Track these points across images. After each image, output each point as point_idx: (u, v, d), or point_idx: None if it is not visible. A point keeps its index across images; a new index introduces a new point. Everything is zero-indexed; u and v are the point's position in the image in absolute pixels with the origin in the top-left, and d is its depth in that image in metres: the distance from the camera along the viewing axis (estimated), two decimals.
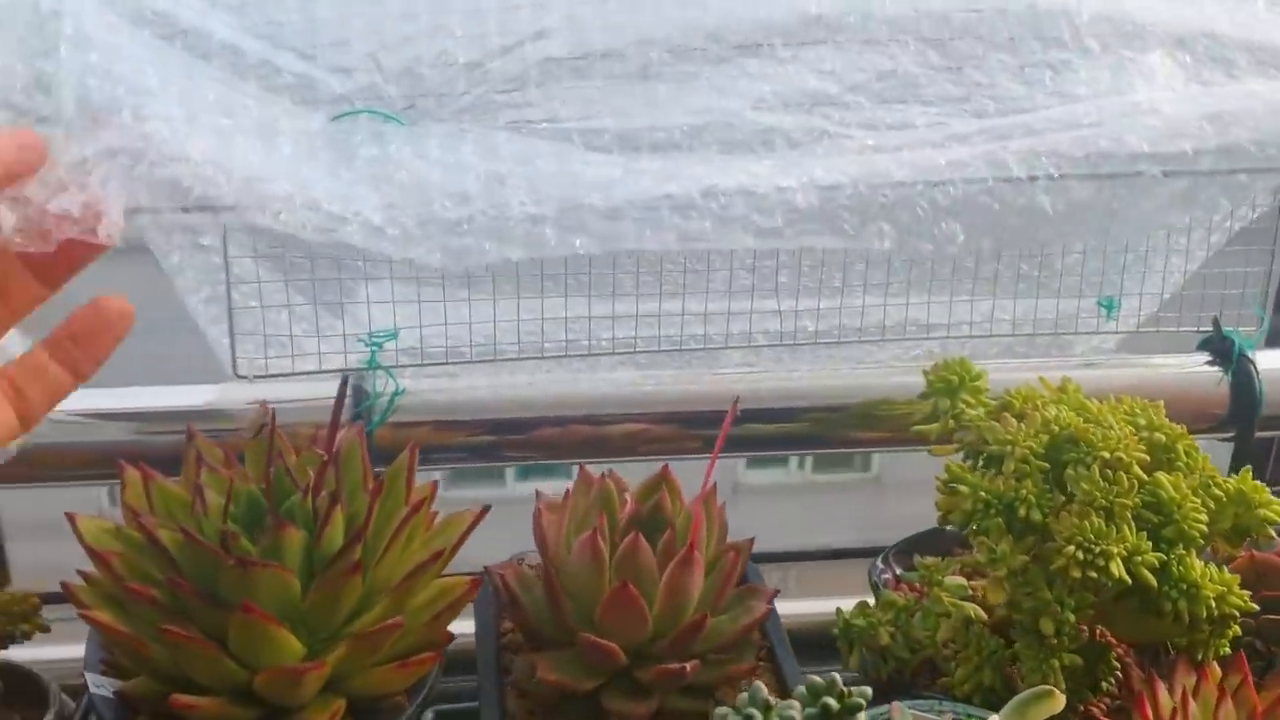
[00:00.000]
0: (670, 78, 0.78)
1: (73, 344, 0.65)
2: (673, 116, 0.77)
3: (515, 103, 0.77)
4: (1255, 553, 1.00)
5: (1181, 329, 1.18)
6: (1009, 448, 0.88)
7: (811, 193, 0.73)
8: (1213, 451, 1.14)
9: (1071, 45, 0.82)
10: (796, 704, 0.70)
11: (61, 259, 0.64)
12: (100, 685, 0.79)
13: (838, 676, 0.72)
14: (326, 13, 0.77)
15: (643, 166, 0.74)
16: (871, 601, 0.99)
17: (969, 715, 0.82)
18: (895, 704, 0.82)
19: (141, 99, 0.65)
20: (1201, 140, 0.80)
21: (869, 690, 0.72)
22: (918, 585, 1.01)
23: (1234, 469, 1.14)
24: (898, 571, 1.05)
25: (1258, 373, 1.13)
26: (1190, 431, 1.15)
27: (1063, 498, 0.87)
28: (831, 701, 0.70)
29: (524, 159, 0.73)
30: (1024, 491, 0.86)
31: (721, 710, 0.70)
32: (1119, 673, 0.91)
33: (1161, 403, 0.96)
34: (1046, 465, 0.87)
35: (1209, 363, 1.16)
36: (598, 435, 1.13)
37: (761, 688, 0.69)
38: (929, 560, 0.99)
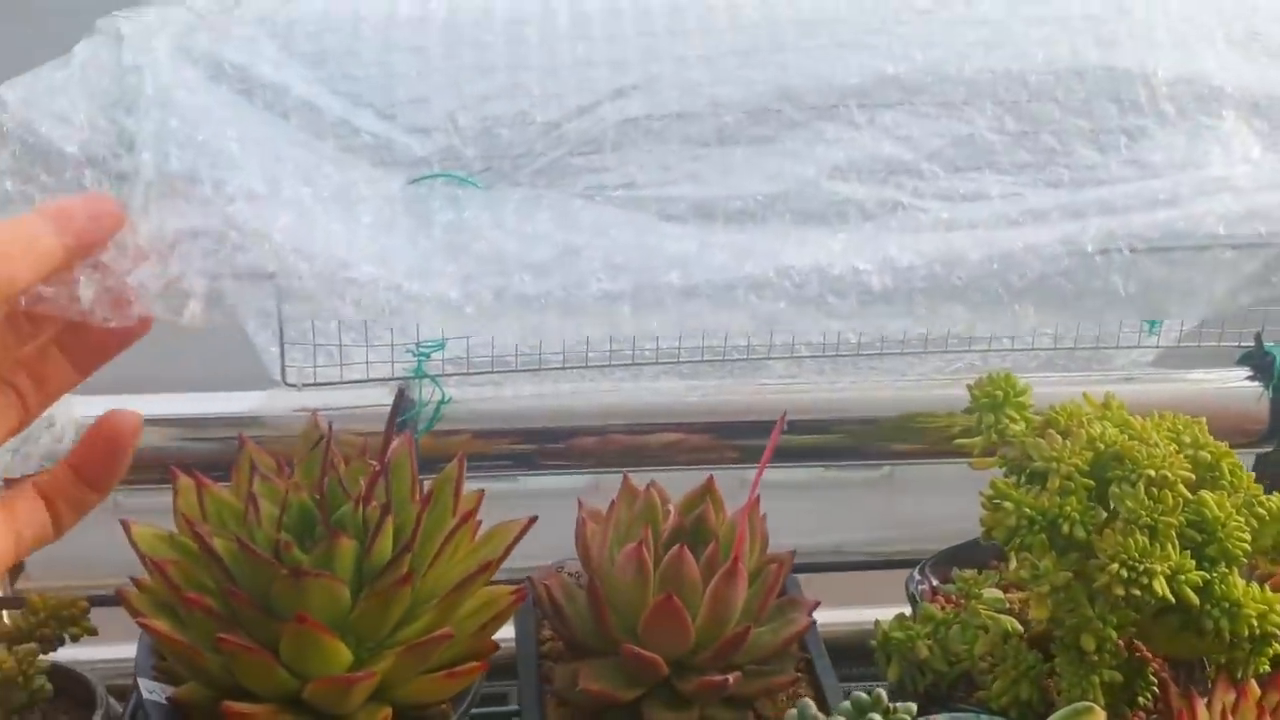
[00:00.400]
0: (745, 141, 0.78)
1: (90, 463, 0.66)
2: (748, 184, 0.77)
3: (592, 166, 0.77)
4: None
5: (1223, 343, 1.17)
6: (1054, 464, 0.88)
7: (887, 274, 0.74)
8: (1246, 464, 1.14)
9: (1148, 109, 0.82)
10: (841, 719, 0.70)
11: (98, 344, 0.65)
12: (152, 691, 0.80)
13: (883, 692, 0.73)
14: (404, 67, 0.77)
15: (718, 240, 0.74)
16: (908, 612, 1.00)
17: None
18: (936, 718, 0.83)
19: (223, 172, 0.66)
20: (1275, 221, 0.80)
21: (914, 706, 0.73)
22: (955, 597, 1.02)
23: (1271, 485, 1.14)
24: (934, 583, 1.06)
25: None
26: (1233, 448, 1.16)
27: (1106, 515, 0.87)
28: (877, 717, 0.71)
29: (600, 229, 0.73)
30: (1068, 508, 0.86)
31: None
32: (1156, 688, 0.92)
33: (1204, 419, 0.96)
34: (1091, 483, 0.88)
35: (1249, 378, 1.16)
36: (636, 444, 1.14)
37: (810, 704, 0.70)
38: (967, 573, 1.00)
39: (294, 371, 1.00)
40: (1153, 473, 0.87)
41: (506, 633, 0.98)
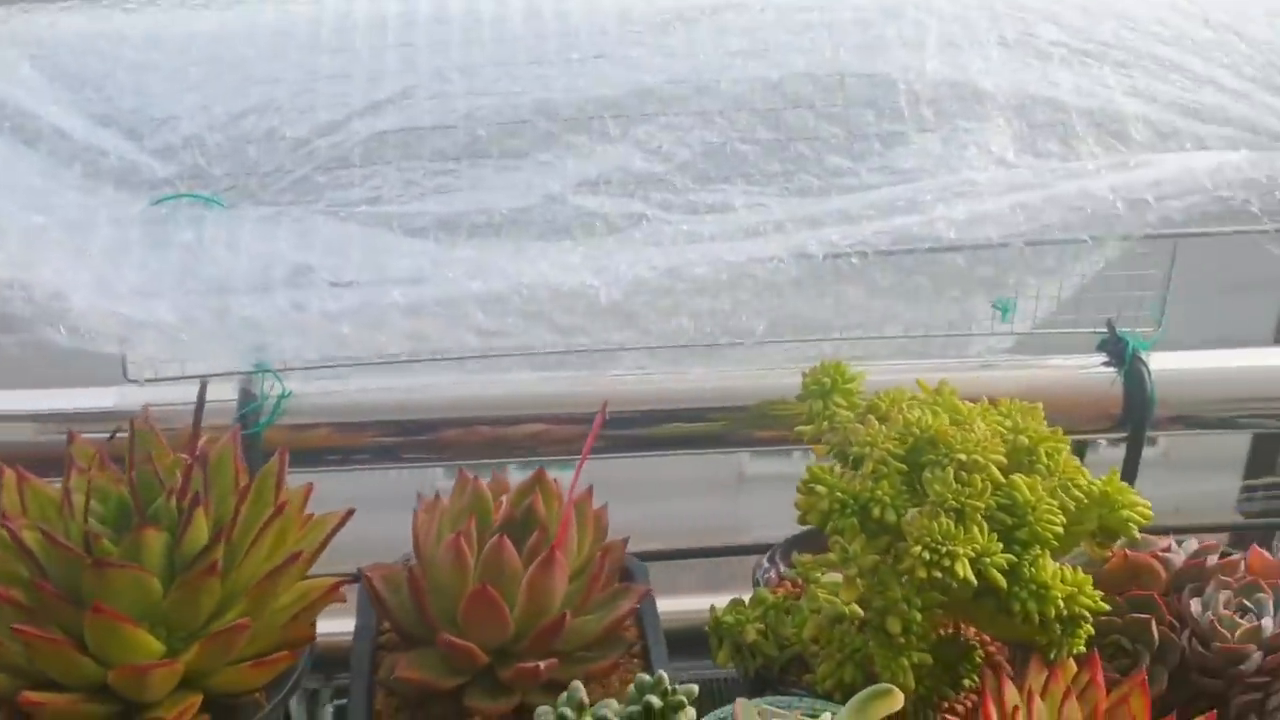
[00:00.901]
0: (498, 154, 0.79)
1: None
2: (495, 199, 0.78)
3: (339, 182, 0.78)
4: (1129, 553, 1.01)
5: (1079, 330, 1.19)
6: (868, 449, 0.89)
7: (615, 289, 0.74)
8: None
9: (907, 114, 0.83)
10: (613, 703, 0.71)
11: None
12: None
13: (665, 674, 0.74)
14: (159, 88, 0.78)
15: (457, 255, 0.75)
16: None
17: (814, 711, 0.84)
18: (739, 700, 0.84)
19: None
20: (1009, 226, 0.81)
21: (694, 688, 0.74)
22: (798, 582, 1.03)
23: (1126, 469, 1.15)
24: (782, 569, 1.07)
25: (1150, 373, 1.14)
26: (1088, 432, 1.17)
27: (918, 499, 0.88)
28: (654, 699, 0.72)
29: (336, 247, 0.74)
30: (879, 492, 0.87)
31: (541, 709, 0.71)
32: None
33: (1040, 405, 0.97)
34: (904, 467, 0.89)
35: (1105, 364, 1.17)
36: (500, 436, 1.15)
37: (579, 687, 0.71)
38: (805, 557, 1.01)
39: (136, 367, 1.02)
40: (964, 457, 0.88)
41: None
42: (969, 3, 0.87)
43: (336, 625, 1.02)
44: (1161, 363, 1.17)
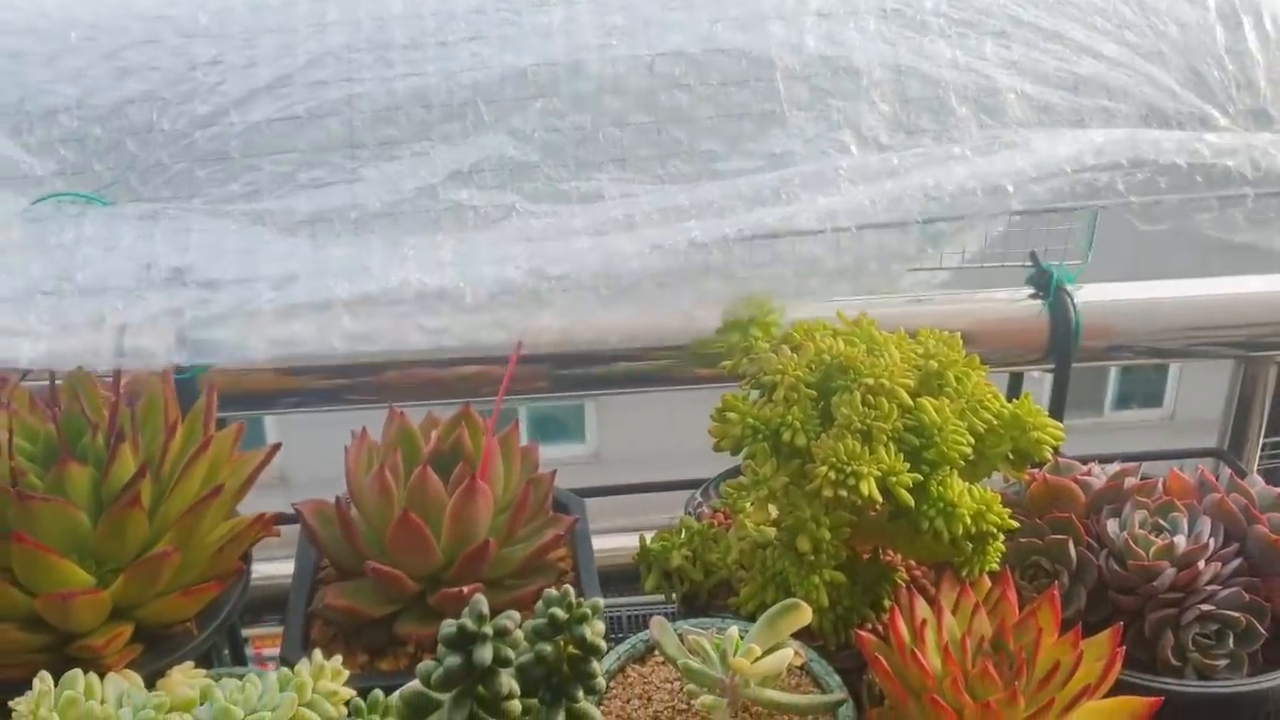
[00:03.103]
0: (373, 143, 0.79)
1: None
2: (369, 193, 0.78)
3: (217, 178, 0.78)
4: (1049, 476, 1.03)
5: (1010, 264, 1.20)
6: (779, 376, 0.92)
7: (481, 289, 0.75)
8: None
9: (783, 94, 0.83)
10: (515, 614, 0.74)
11: None
12: None
13: (570, 589, 0.76)
14: (36, 76, 0.79)
15: (328, 254, 0.76)
16: None
17: (723, 628, 0.86)
18: (656, 619, 0.87)
19: None
20: (869, 216, 0.81)
21: (600, 601, 0.76)
22: (729, 514, 1.06)
23: (1054, 397, 1.17)
24: (714, 502, 1.09)
25: (1075, 305, 1.15)
26: (1017, 363, 1.20)
27: (830, 424, 0.91)
28: (559, 611, 0.75)
29: (211, 249, 0.75)
30: (790, 417, 0.90)
31: (447, 622, 0.74)
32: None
33: (958, 335, 0.99)
34: (814, 393, 0.91)
35: (1032, 296, 1.19)
36: (437, 378, 1.17)
37: (482, 600, 0.73)
38: (731, 486, 1.03)
39: None
40: (871, 381, 0.90)
41: None
42: None
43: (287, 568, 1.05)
44: (1094, 295, 1.19)
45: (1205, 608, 0.94)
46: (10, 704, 0.75)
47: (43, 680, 0.76)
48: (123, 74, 0.79)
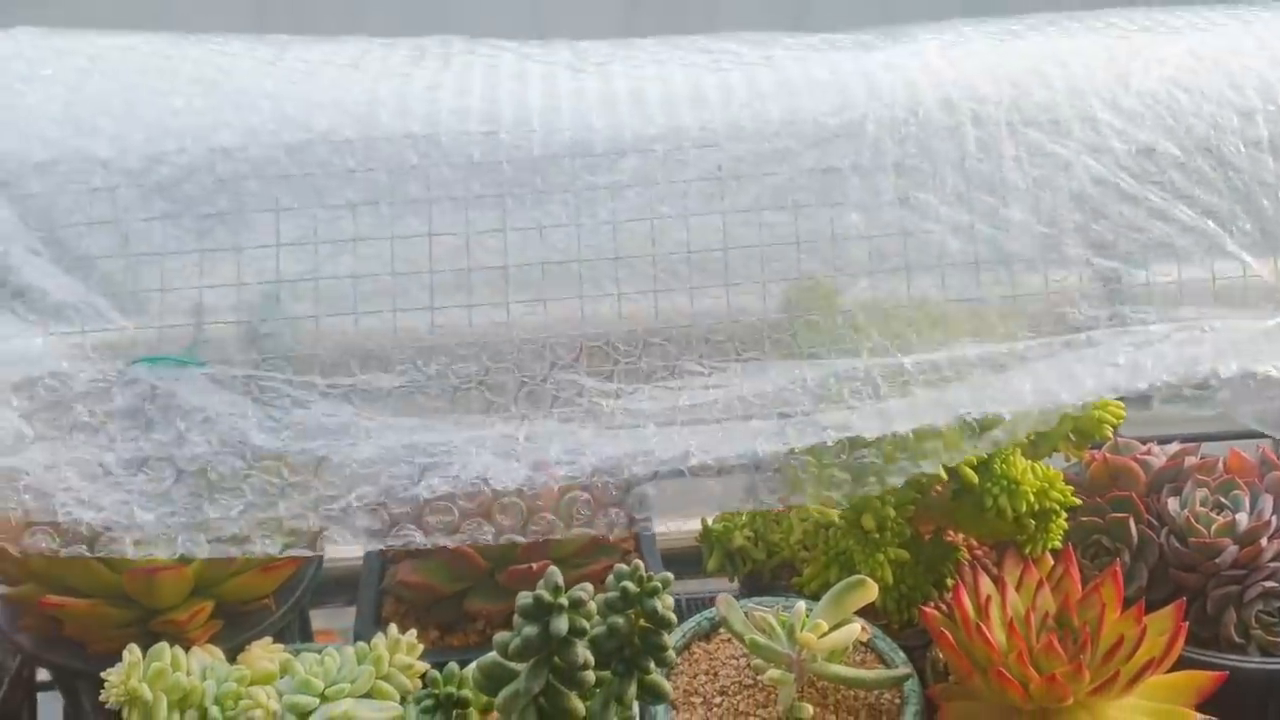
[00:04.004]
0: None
1: None
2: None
3: (287, 351, 0.82)
4: (1109, 455, 1.04)
5: None
6: None
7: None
8: None
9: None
10: (589, 586, 0.75)
11: None
12: None
13: (640, 563, 0.78)
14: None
15: (417, 442, 0.80)
16: None
17: (788, 606, 0.88)
18: (722, 596, 0.88)
19: None
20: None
21: (669, 576, 0.78)
22: None
23: None
24: None
25: None
26: None
27: None
28: (630, 585, 0.76)
29: (302, 431, 0.79)
30: None
31: (522, 593, 0.76)
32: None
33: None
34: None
35: None
36: None
37: (556, 572, 0.75)
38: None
39: None
40: None
41: None
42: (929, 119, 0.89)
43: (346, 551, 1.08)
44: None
45: (1268, 585, 0.95)
46: (102, 674, 0.77)
47: (132, 652, 0.79)
48: (201, 237, 0.82)
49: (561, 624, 0.73)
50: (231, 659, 0.85)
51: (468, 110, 0.87)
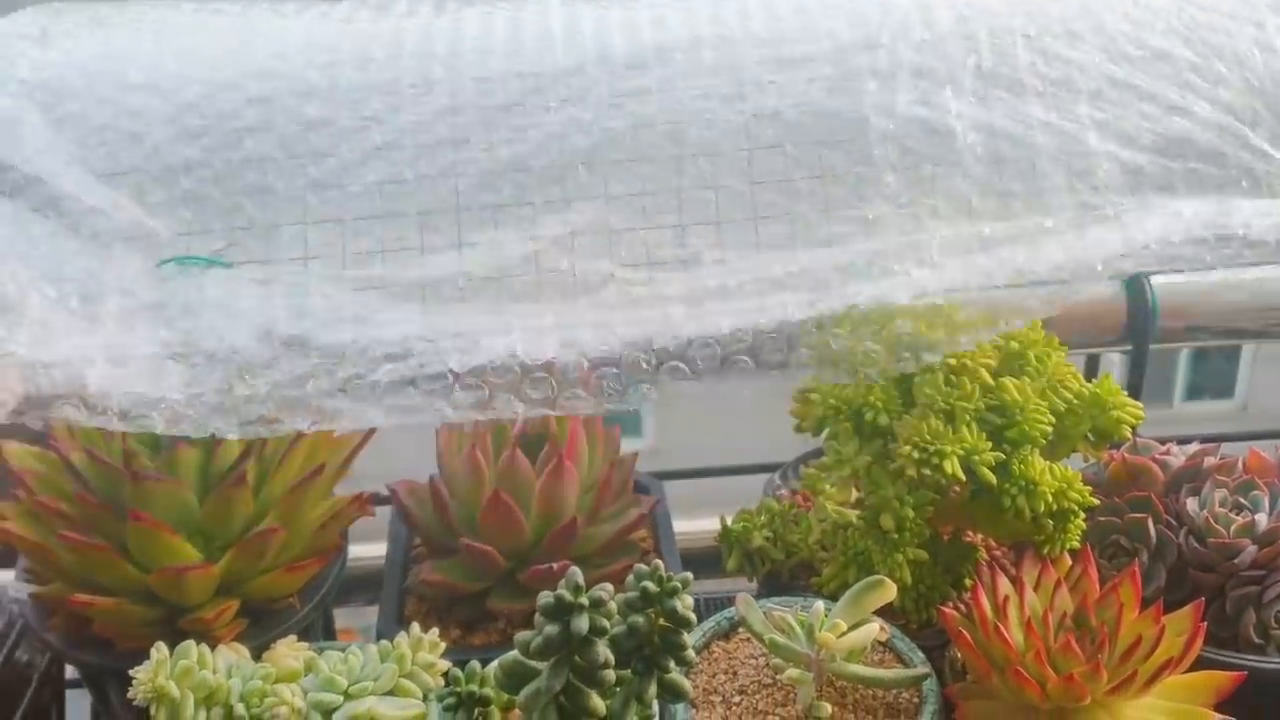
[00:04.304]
0: (477, 207, 0.81)
1: None
2: (475, 259, 0.80)
3: (328, 239, 0.81)
4: (1128, 455, 1.04)
5: None
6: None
7: (583, 360, 0.79)
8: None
9: (876, 156, 0.83)
10: (610, 586, 0.76)
11: None
12: (20, 591, 0.88)
13: (660, 563, 0.79)
14: (159, 135, 0.81)
15: (439, 326, 0.79)
16: None
17: (806, 606, 0.88)
18: (741, 595, 0.89)
19: None
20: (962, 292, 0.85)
21: (689, 576, 0.78)
22: (809, 496, 1.07)
23: (1131, 378, 1.18)
24: (794, 485, 1.11)
25: (1151, 286, 1.16)
26: (1094, 345, 1.20)
27: (913, 405, 0.92)
28: (650, 585, 0.77)
29: (329, 318, 0.78)
30: (872, 398, 0.91)
31: (543, 593, 0.76)
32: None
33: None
34: (896, 374, 0.92)
35: (1109, 278, 1.19)
36: None
37: (577, 572, 0.76)
38: (812, 468, 1.05)
39: None
40: (953, 361, 0.91)
41: None
42: (945, 30, 0.89)
43: (370, 550, 1.09)
44: (1171, 275, 1.19)
45: None
46: (130, 672, 0.79)
47: (159, 650, 0.80)
48: (239, 134, 0.82)
49: (582, 623, 0.74)
50: (257, 657, 0.86)
51: (490, 46, 0.87)
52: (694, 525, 1.16)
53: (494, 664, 0.79)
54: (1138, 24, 0.90)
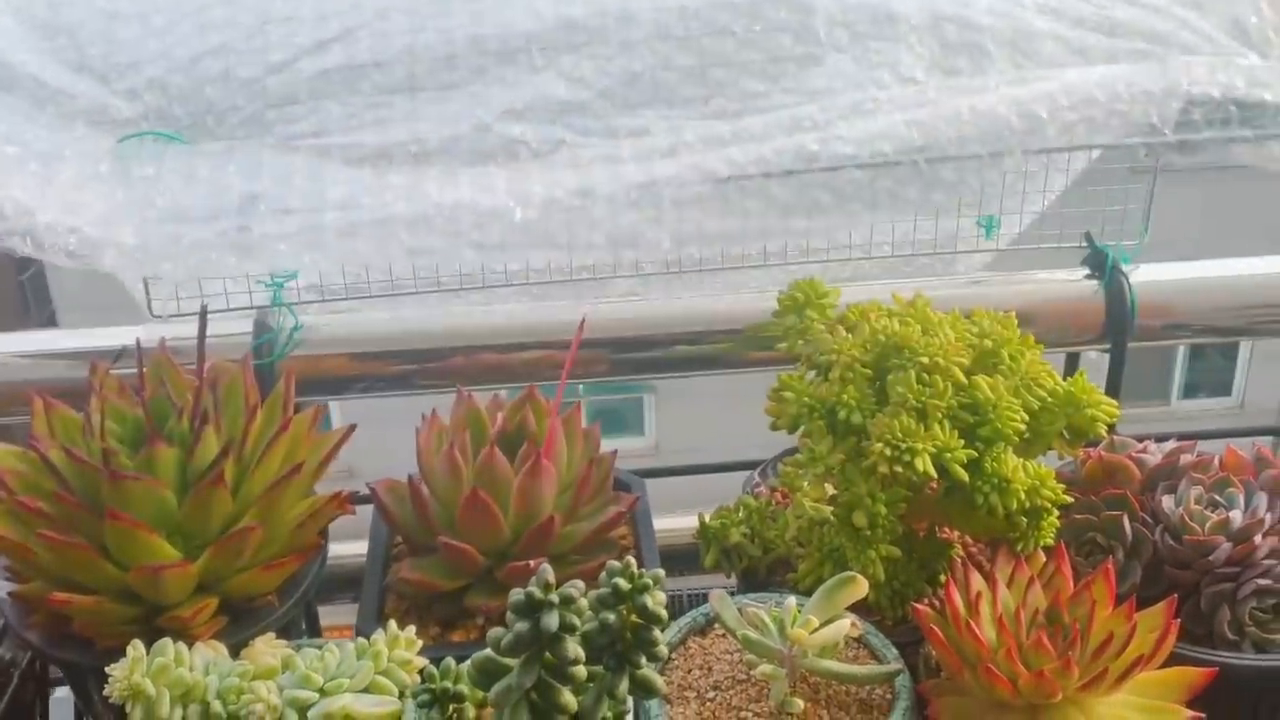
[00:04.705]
0: (433, 87, 0.83)
1: None
2: (427, 130, 0.82)
3: (286, 118, 0.83)
4: (1104, 453, 1.04)
5: (1064, 245, 1.22)
6: (835, 355, 0.94)
7: (530, 209, 0.79)
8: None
9: (824, 38, 0.85)
10: (580, 583, 0.77)
11: None
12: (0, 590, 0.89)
13: (633, 560, 0.79)
14: (126, 33, 0.84)
15: (389, 183, 0.80)
16: None
17: (781, 602, 0.89)
18: (715, 591, 0.90)
19: None
20: (904, 143, 0.83)
21: (661, 572, 0.79)
22: (787, 493, 1.08)
23: (1110, 377, 1.18)
24: (772, 482, 1.12)
25: (1130, 285, 1.16)
26: (1074, 344, 1.21)
27: (886, 403, 0.93)
28: (622, 581, 0.78)
29: (280, 177, 0.80)
30: (846, 396, 0.92)
31: (515, 591, 0.77)
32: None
33: (1013, 314, 1.01)
34: (869, 372, 0.93)
35: (1088, 276, 1.20)
36: (503, 362, 1.21)
37: (548, 569, 0.77)
38: (789, 466, 1.05)
39: (159, 304, 1.08)
40: (926, 360, 0.92)
41: None
42: None
43: (355, 548, 1.10)
44: (1151, 274, 1.20)
45: (1262, 582, 0.95)
46: (107, 669, 0.79)
47: (135, 648, 0.81)
48: (203, 28, 0.84)
49: (552, 620, 0.74)
50: (236, 654, 0.87)
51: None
52: (681, 522, 1.17)
53: (467, 661, 0.80)
54: None
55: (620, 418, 6.18)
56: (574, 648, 0.75)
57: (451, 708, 0.82)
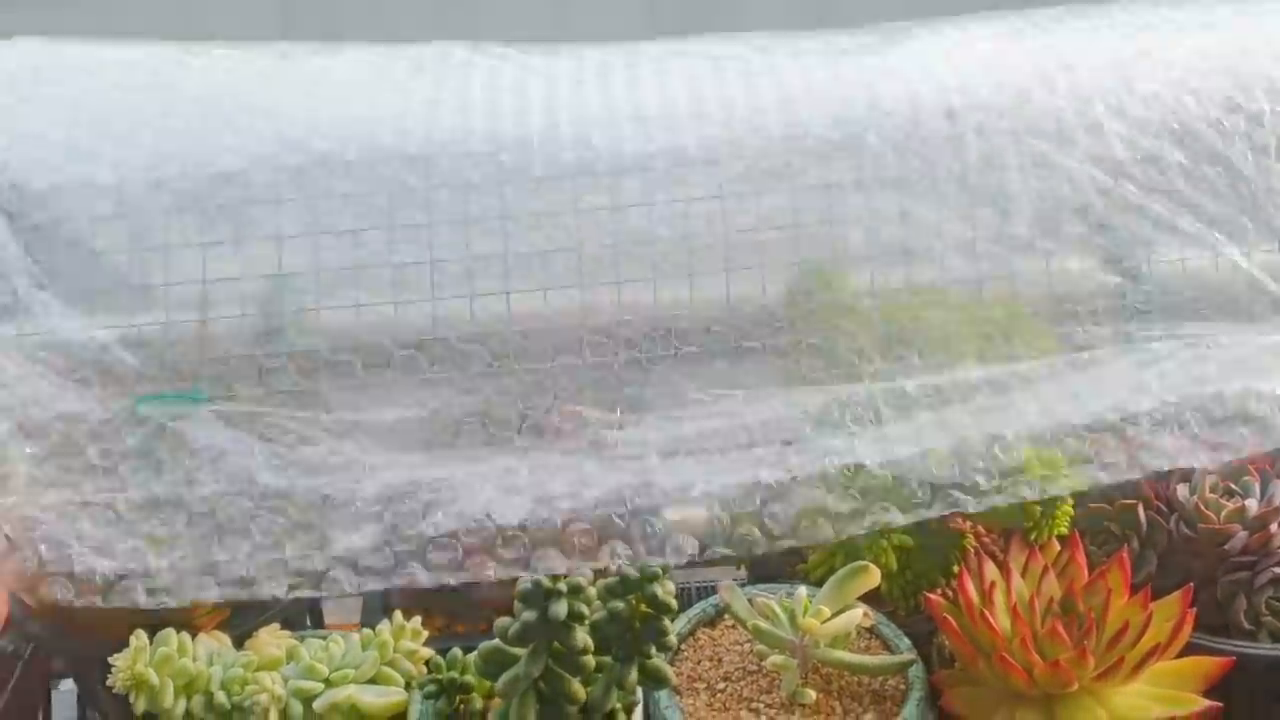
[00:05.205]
0: None
1: None
2: None
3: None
4: None
5: None
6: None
7: None
8: None
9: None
10: (589, 571, 0.76)
11: None
12: None
13: (641, 549, 0.78)
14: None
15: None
16: None
17: (791, 592, 0.88)
18: (724, 582, 0.89)
19: None
20: None
21: (669, 562, 0.78)
22: None
23: None
24: None
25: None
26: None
27: None
28: (630, 570, 0.76)
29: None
30: None
31: (523, 579, 0.76)
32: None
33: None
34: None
35: None
36: None
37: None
38: None
39: None
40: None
41: None
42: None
43: None
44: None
45: (1279, 571, 0.94)
46: (110, 659, 0.78)
47: (139, 638, 0.80)
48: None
49: (560, 609, 0.73)
50: (240, 645, 0.85)
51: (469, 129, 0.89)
52: (692, 512, 1.16)
53: (474, 651, 0.79)
54: (1129, 121, 0.90)
55: None
56: (582, 637, 0.74)
57: (458, 698, 0.81)
